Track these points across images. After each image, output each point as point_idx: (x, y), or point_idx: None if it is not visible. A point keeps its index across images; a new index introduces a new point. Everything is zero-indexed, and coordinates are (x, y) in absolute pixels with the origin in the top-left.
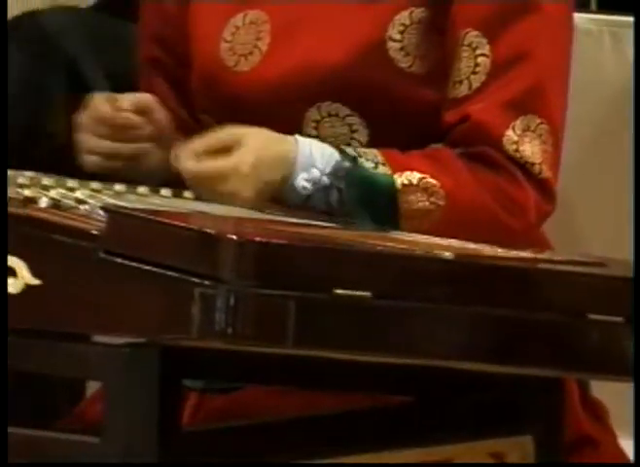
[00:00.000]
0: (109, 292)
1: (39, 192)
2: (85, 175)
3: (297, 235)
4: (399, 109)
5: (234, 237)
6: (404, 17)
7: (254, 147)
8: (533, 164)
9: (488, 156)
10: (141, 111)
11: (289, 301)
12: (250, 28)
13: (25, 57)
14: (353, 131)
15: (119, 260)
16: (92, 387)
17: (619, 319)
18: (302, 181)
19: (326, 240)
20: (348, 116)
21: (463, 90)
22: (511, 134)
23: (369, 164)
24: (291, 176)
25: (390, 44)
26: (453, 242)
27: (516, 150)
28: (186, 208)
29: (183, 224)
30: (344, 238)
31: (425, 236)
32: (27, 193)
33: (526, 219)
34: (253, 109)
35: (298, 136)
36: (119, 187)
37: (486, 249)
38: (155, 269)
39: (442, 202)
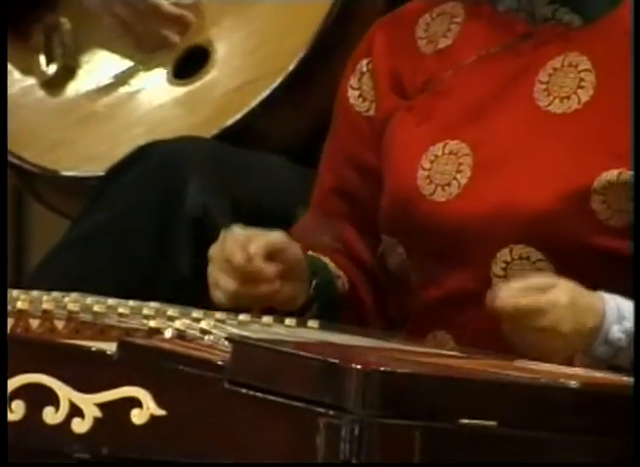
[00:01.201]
0: (234, 422)
1: (164, 322)
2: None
3: (420, 365)
4: (591, 259)
5: (359, 367)
6: (612, 175)
7: (567, 288)
8: None
9: None
10: (272, 254)
11: (414, 430)
12: (450, 159)
13: (152, 185)
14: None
15: (243, 390)
16: None
17: None
18: (617, 333)
19: (449, 370)
20: (539, 260)
21: None
22: None
23: None
24: (602, 327)
25: (594, 196)
26: (579, 371)
27: None
28: (310, 338)
29: (307, 353)
30: (467, 367)
31: (549, 365)
32: (152, 323)
33: None
34: (444, 239)
35: (601, 292)
36: (243, 317)
37: (612, 377)
38: (279, 400)
39: None
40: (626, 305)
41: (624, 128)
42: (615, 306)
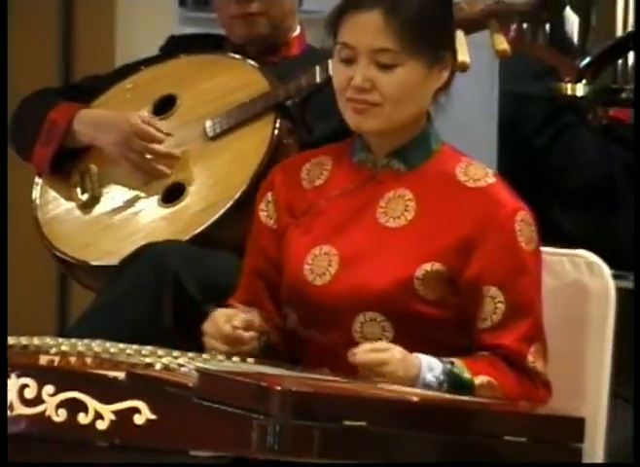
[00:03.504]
0: (200, 424)
1: (155, 359)
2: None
3: (320, 386)
4: (416, 320)
5: (279, 388)
6: (427, 265)
7: (399, 350)
8: (542, 374)
9: (522, 370)
10: (248, 326)
11: (314, 429)
12: (324, 257)
13: (148, 271)
14: (384, 331)
15: (206, 403)
16: None
17: (524, 439)
18: (429, 377)
19: (338, 390)
20: (382, 321)
21: (488, 324)
22: (530, 358)
23: (458, 370)
24: (420, 376)
25: (416, 280)
26: (418, 391)
27: (534, 367)
28: (248, 369)
29: (247, 379)
30: (350, 388)
31: (401, 387)
32: (148, 360)
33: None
34: (322, 310)
35: (419, 354)
36: (205, 356)
37: (439, 395)
38: (229, 409)
39: (499, 394)
40: (432, 361)
41: (436, 236)
42: (426, 362)
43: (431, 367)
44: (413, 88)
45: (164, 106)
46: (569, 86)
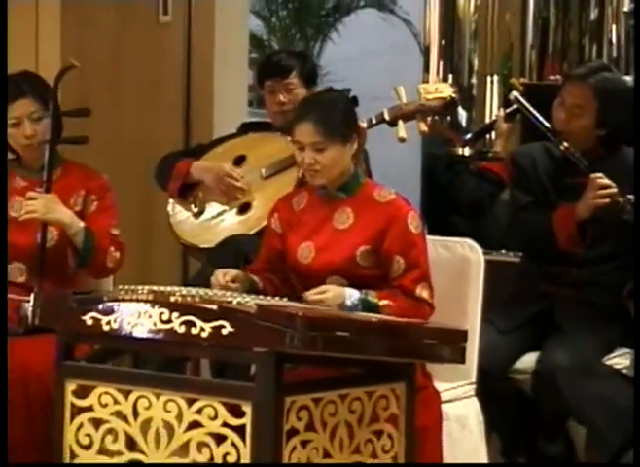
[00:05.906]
0: (258, 334)
1: (233, 298)
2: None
3: (323, 313)
4: (360, 278)
5: (300, 314)
6: (362, 247)
7: (332, 288)
8: (426, 299)
9: (412, 297)
10: (233, 278)
11: (319, 337)
12: (307, 248)
13: (230, 251)
14: (343, 286)
15: (261, 322)
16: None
17: (434, 342)
18: (348, 303)
19: (333, 315)
20: (342, 280)
21: (395, 275)
22: (418, 291)
23: (370, 297)
24: (344, 302)
25: (357, 256)
26: (377, 316)
27: (420, 295)
28: (283, 304)
29: (282, 309)
30: (340, 314)
31: (367, 314)
32: (229, 299)
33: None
34: (308, 277)
35: (346, 288)
36: (261, 296)
37: (389, 318)
38: (272, 325)
39: (395, 311)
40: (354, 292)
41: (365, 231)
42: (349, 294)
43: (351, 295)
44: (338, 158)
45: (239, 161)
46: (460, 149)
